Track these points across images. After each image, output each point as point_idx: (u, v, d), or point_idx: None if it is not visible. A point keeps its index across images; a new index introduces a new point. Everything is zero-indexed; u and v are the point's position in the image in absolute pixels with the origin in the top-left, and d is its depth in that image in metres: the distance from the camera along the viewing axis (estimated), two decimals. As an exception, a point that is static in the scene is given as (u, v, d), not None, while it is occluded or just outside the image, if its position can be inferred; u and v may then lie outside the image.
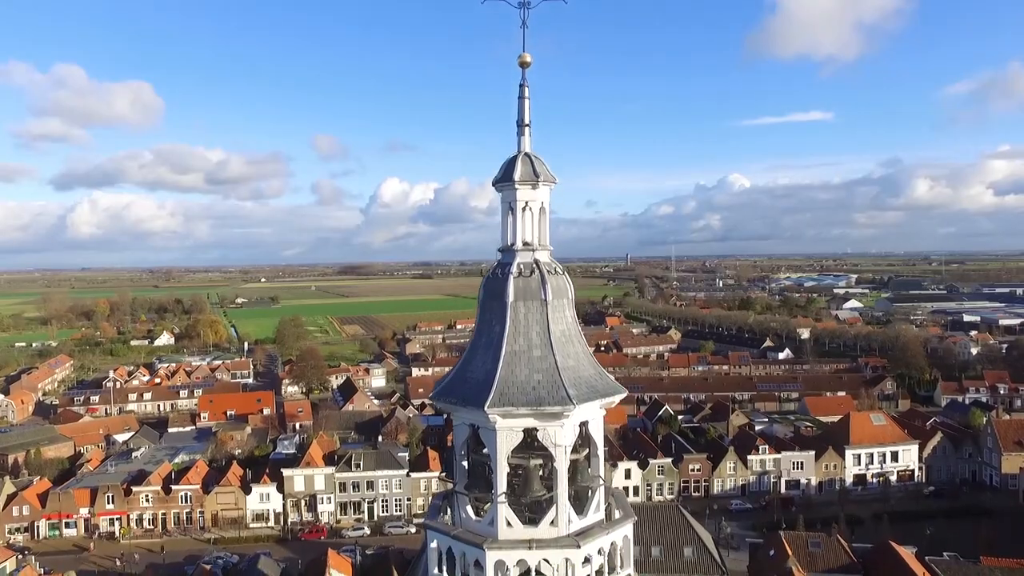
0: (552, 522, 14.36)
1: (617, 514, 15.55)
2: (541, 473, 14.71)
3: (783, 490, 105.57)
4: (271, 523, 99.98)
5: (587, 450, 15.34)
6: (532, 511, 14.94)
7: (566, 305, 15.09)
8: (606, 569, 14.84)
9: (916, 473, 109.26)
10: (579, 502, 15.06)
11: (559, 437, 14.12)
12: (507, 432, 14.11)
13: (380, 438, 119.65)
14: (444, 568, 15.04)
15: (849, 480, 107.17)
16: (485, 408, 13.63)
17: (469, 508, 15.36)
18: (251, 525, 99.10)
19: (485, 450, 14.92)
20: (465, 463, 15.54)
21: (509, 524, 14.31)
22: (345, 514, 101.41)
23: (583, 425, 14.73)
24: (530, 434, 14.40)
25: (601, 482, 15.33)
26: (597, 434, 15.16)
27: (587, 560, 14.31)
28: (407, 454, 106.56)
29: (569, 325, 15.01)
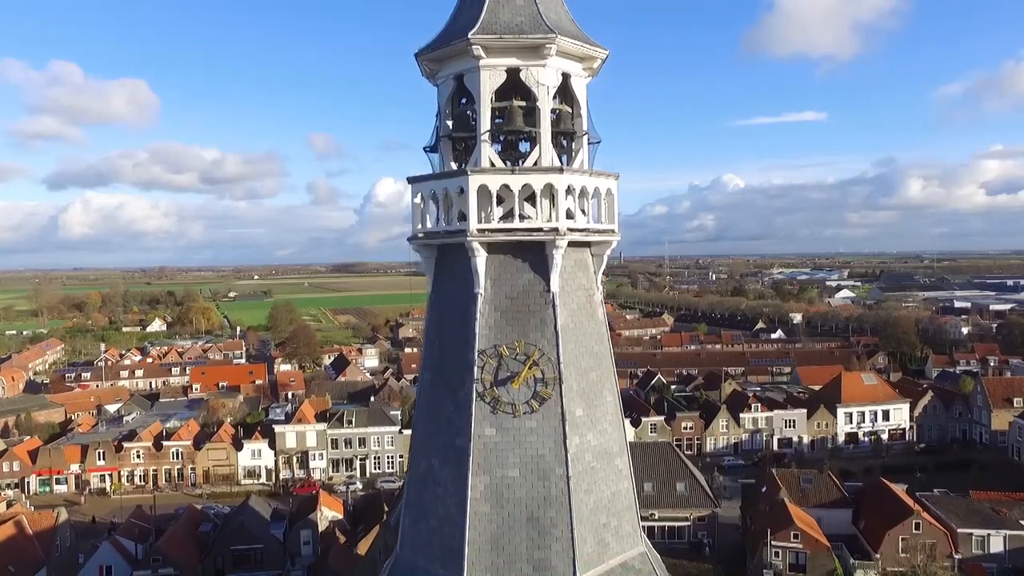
0: (535, 163, 14.52)
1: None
2: (524, 113, 14.82)
3: (775, 448, 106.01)
4: (263, 479, 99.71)
5: (571, 109, 15.50)
6: (513, 159, 15.06)
7: None
8: (591, 224, 14.98)
9: (907, 432, 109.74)
10: (563, 161, 15.21)
11: (542, 76, 14.27)
12: (491, 71, 14.25)
13: (372, 399, 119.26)
14: (426, 221, 15.10)
15: (841, 438, 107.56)
16: (469, 35, 13.78)
17: (453, 164, 15.53)
18: (243, 481, 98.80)
19: (469, 101, 15.09)
20: (449, 122, 15.68)
21: (492, 164, 14.47)
22: (337, 471, 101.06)
23: (566, 77, 14.87)
24: (511, 82, 14.55)
25: (586, 140, 15.45)
26: (580, 94, 15.30)
27: (571, 230, 14.17)
28: (400, 413, 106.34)
29: None
